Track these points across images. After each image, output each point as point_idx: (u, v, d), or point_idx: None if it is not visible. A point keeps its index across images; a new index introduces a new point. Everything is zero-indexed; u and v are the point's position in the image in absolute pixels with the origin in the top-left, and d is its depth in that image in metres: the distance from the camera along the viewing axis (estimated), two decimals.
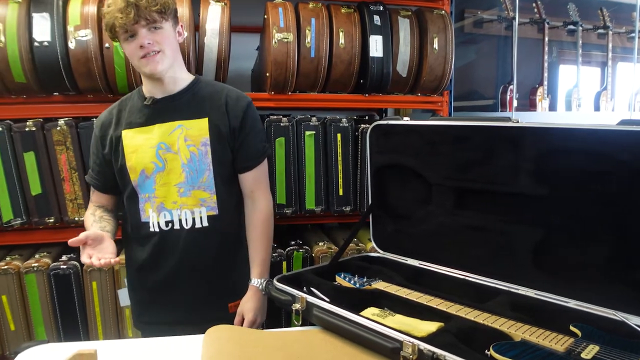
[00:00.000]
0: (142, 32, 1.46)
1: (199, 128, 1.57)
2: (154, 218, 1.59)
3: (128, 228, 1.67)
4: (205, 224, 1.59)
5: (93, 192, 1.70)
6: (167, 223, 1.59)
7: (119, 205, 1.73)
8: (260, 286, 1.62)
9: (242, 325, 1.60)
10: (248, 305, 1.61)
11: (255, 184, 1.67)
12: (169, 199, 1.57)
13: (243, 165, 1.65)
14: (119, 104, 1.66)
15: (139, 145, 1.56)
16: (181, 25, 1.61)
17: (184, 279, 1.62)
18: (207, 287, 1.65)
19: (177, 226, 1.59)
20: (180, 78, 1.61)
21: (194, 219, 1.58)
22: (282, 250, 2.27)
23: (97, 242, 1.39)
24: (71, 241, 1.32)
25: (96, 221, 1.56)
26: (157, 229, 1.59)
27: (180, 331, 1.35)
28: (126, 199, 1.64)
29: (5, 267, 2.11)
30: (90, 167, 1.68)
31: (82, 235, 1.35)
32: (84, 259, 1.33)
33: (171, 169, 1.56)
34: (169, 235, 1.59)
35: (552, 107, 3.97)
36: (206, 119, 1.58)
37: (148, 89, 1.61)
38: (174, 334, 1.33)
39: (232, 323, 1.67)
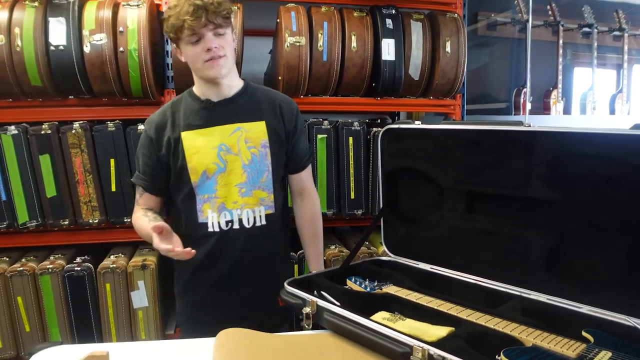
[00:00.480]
0: (209, 35, 1.50)
1: (257, 130, 1.63)
2: (213, 218, 1.61)
3: (182, 230, 1.67)
4: (264, 222, 1.65)
5: (141, 195, 1.67)
6: (227, 223, 1.61)
7: (162, 209, 1.74)
8: None
9: None
10: None
11: (306, 183, 1.79)
12: (229, 199, 1.60)
13: (297, 166, 1.75)
14: (171, 106, 1.66)
15: (200, 146, 1.59)
16: (234, 33, 1.64)
17: (242, 276, 1.64)
18: (262, 283, 1.67)
19: (236, 225, 1.62)
20: (235, 82, 1.66)
21: (254, 218, 1.63)
22: (293, 253, 2.27)
23: (169, 235, 1.40)
24: (155, 225, 1.36)
25: (152, 220, 1.55)
26: (216, 229, 1.61)
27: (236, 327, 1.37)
28: (182, 200, 1.64)
29: (21, 268, 2.13)
30: (140, 169, 1.66)
31: (162, 223, 1.38)
32: (164, 246, 1.34)
33: (232, 170, 1.60)
34: (229, 235, 1.62)
35: (567, 110, 3.93)
36: (263, 122, 1.64)
37: (202, 91, 1.63)
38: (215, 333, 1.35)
39: (283, 318, 1.75)
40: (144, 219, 1.58)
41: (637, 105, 4.26)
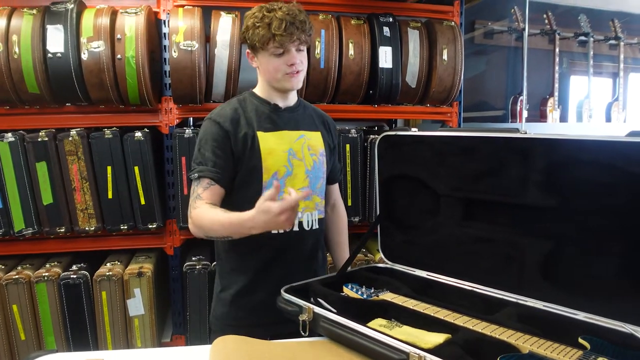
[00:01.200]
0: (293, 51, 1.54)
1: (316, 139, 1.70)
2: None
3: None
4: (317, 226, 1.69)
5: (206, 188, 1.56)
6: None
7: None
8: None
9: None
10: None
11: (337, 194, 1.92)
12: None
13: (335, 178, 1.86)
14: (238, 103, 1.65)
15: (273, 148, 1.60)
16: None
17: (299, 278, 1.59)
18: None
19: (296, 228, 1.63)
20: (294, 94, 1.71)
21: (312, 222, 1.67)
22: None
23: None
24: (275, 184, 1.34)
25: (226, 212, 1.50)
26: (281, 231, 1.60)
27: (284, 329, 1.37)
28: (248, 200, 1.52)
29: (16, 276, 2.13)
30: (209, 161, 1.57)
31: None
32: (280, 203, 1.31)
33: (296, 174, 1.63)
34: (291, 237, 1.63)
35: (563, 118, 3.95)
36: (319, 133, 1.72)
37: (269, 96, 1.65)
38: (275, 332, 1.36)
39: None
40: (214, 209, 1.51)
41: (633, 113, 4.28)
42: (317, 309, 1.29)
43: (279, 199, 1.39)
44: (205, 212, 1.52)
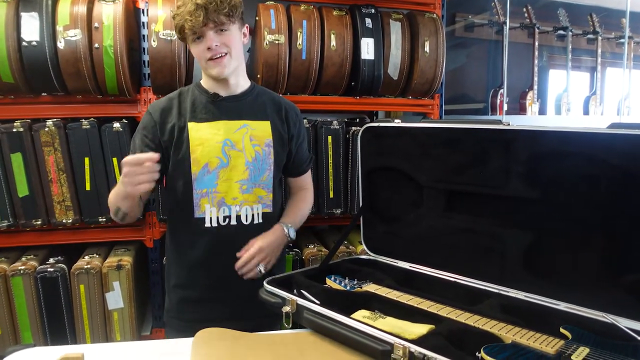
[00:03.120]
0: (210, 34, 1.49)
1: (262, 129, 1.64)
2: (212, 213, 1.58)
3: (176, 225, 1.65)
4: (261, 220, 1.64)
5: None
6: (224, 218, 1.59)
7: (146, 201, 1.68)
8: (286, 228, 1.63)
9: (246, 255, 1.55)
10: (262, 237, 1.58)
11: (305, 185, 1.83)
12: (229, 195, 1.59)
13: (298, 170, 1.78)
14: (177, 94, 1.64)
15: (206, 139, 1.57)
16: (246, 27, 1.63)
17: (237, 274, 1.60)
18: (257, 282, 1.61)
19: (233, 222, 1.60)
20: (242, 80, 1.66)
21: (252, 215, 1.62)
22: (297, 250, 2.27)
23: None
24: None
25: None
26: (214, 224, 1.59)
27: (229, 326, 1.34)
28: (177, 193, 1.60)
29: None
30: (137, 149, 1.58)
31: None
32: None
33: (234, 166, 1.59)
34: (225, 231, 1.60)
35: (542, 111, 3.99)
36: (268, 122, 1.65)
37: (210, 86, 1.62)
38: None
39: (280, 318, 1.68)
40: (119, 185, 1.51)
41: (610, 107, 4.34)
42: (301, 301, 1.29)
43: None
44: (113, 189, 1.55)
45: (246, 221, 1.62)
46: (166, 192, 1.65)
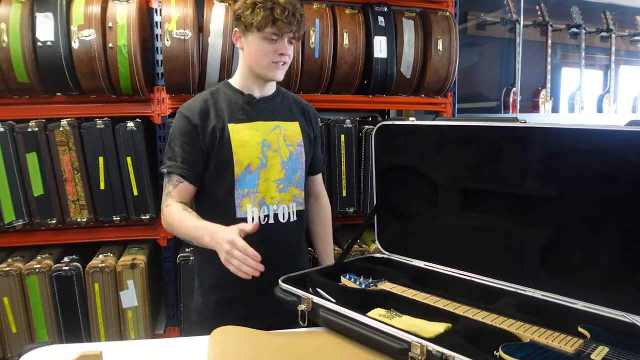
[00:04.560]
0: (285, 41, 1.53)
1: (293, 130, 1.67)
2: (254, 213, 1.59)
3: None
4: (295, 218, 1.66)
5: (176, 186, 1.58)
6: (264, 217, 1.61)
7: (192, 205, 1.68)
8: None
9: None
10: None
11: (321, 185, 1.88)
12: (268, 195, 1.61)
13: (317, 168, 1.82)
14: (210, 95, 1.62)
15: (246, 140, 1.58)
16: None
17: (276, 272, 1.58)
18: None
19: (272, 220, 1.62)
20: (274, 83, 1.68)
21: (289, 214, 1.65)
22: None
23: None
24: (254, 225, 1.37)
25: (199, 218, 1.50)
26: (255, 222, 1.58)
27: (264, 323, 1.35)
28: (220, 194, 1.59)
29: (7, 268, 2.10)
30: (178, 157, 1.56)
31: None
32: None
33: (271, 166, 1.61)
34: (265, 230, 1.60)
35: (555, 110, 3.97)
36: (297, 123, 1.69)
37: (246, 85, 1.63)
38: (256, 326, 1.31)
39: None
40: (186, 213, 1.51)
41: (624, 105, 4.30)
42: (316, 299, 1.29)
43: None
44: (177, 213, 1.53)
45: (283, 219, 1.64)
46: (205, 195, 1.63)
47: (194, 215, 1.51)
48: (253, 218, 1.59)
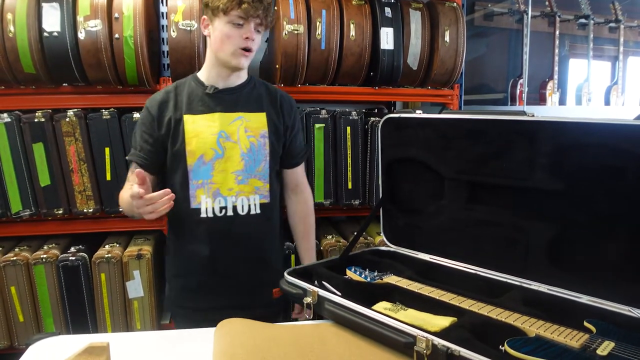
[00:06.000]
0: (252, 26, 1.53)
1: (258, 121, 1.65)
2: (207, 204, 1.60)
3: (174, 215, 1.65)
4: (258, 211, 1.65)
5: (133, 172, 1.58)
6: (221, 209, 1.61)
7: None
8: None
9: None
10: None
11: (300, 178, 1.82)
12: (225, 186, 1.61)
13: (293, 161, 1.78)
14: (174, 87, 1.66)
15: (201, 131, 1.59)
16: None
17: (235, 264, 1.65)
18: (256, 272, 1.68)
19: (230, 212, 1.62)
20: (243, 73, 1.68)
21: (249, 206, 1.64)
22: (290, 244, 2.27)
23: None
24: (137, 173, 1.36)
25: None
26: (210, 215, 1.61)
27: (225, 316, 1.36)
28: (175, 185, 1.61)
29: (14, 258, 2.11)
30: (138, 146, 1.63)
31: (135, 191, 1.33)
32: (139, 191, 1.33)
33: (229, 157, 1.61)
34: (222, 222, 1.62)
35: (562, 102, 3.94)
36: (264, 114, 1.67)
37: (210, 76, 1.64)
38: (219, 318, 1.32)
39: (276, 311, 1.75)
40: (125, 190, 1.58)
41: (632, 97, 4.27)
42: (322, 292, 1.29)
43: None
44: (122, 193, 1.60)
45: (242, 211, 1.63)
46: (165, 185, 1.65)
47: (128, 188, 1.55)
48: (207, 209, 1.60)
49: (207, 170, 1.60)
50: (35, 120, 2.09)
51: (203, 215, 1.61)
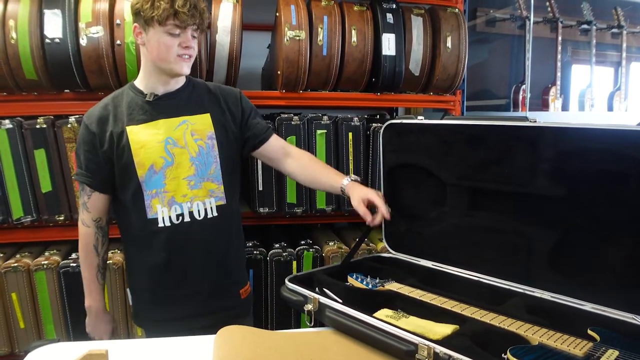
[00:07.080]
0: (189, 33, 1.50)
1: (202, 123, 1.62)
2: (164, 213, 1.57)
3: (130, 229, 1.63)
4: (215, 213, 1.63)
5: (89, 196, 1.61)
6: (177, 217, 1.59)
7: (110, 210, 1.69)
8: (355, 179, 1.64)
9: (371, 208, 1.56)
10: (364, 190, 1.58)
11: (280, 142, 1.78)
12: (179, 193, 1.58)
13: (259, 139, 1.72)
14: (112, 99, 1.62)
15: (147, 140, 1.55)
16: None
17: (199, 270, 1.63)
18: (221, 275, 1.66)
19: (187, 219, 1.59)
20: (181, 77, 1.64)
21: (206, 210, 1.61)
22: (292, 250, 2.26)
23: None
24: None
25: (100, 272, 1.68)
26: (167, 224, 1.58)
27: (196, 323, 1.35)
28: (129, 198, 1.59)
29: (15, 264, 2.11)
30: (83, 165, 1.58)
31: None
32: None
33: (179, 163, 1.57)
34: (180, 229, 1.59)
35: (565, 107, 3.93)
36: (208, 114, 1.63)
37: (149, 84, 1.59)
38: (189, 326, 1.31)
39: (246, 309, 1.75)
40: (89, 259, 1.66)
41: (635, 103, 4.26)
42: (323, 299, 1.28)
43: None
44: (84, 249, 1.65)
45: (199, 216, 1.61)
46: (117, 199, 1.64)
47: (95, 265, 1.65)
48: (163, 218, 1.58)
49: (159, 179, 1.56)
50: (37, 126, 2.09)
51: (161, 224, 1.58)
